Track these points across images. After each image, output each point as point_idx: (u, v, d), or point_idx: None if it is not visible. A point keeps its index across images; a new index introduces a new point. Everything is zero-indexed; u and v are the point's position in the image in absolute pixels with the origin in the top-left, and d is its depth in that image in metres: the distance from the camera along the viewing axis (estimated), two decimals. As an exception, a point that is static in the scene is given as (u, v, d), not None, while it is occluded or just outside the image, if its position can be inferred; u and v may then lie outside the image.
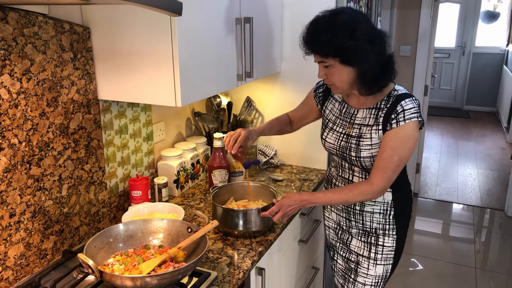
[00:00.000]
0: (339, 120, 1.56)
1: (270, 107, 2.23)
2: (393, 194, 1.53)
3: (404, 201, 1.59)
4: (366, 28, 1.34)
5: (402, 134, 1.38)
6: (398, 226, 1.56)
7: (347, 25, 1.31)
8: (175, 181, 1.85)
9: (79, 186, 1.47)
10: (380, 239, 1.57)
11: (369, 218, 1.56)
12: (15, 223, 1.25)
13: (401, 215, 1.57)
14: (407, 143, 1.40)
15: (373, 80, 1.39)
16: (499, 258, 3.24)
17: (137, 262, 1.23)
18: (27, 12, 1.22)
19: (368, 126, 1.46)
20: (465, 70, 7.34)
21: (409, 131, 1.38)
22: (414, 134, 1.39)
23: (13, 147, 1.22)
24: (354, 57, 1.33)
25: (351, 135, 1.50)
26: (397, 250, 1.60)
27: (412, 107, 1.38)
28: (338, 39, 1.31)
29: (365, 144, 1.46)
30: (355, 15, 1.37)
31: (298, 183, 1.97)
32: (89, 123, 1.48)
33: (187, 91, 1.39)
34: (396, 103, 1.39)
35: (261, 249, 1.47)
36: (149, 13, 1.30)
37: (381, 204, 1.54)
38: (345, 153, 1.52)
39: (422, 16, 3.73)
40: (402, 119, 1.37)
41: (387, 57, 1.39)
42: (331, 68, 1.39)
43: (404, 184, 1.59)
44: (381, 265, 1.59)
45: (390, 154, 1.39)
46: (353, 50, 1.31)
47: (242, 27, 1.66)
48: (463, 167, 5.00)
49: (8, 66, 1.18)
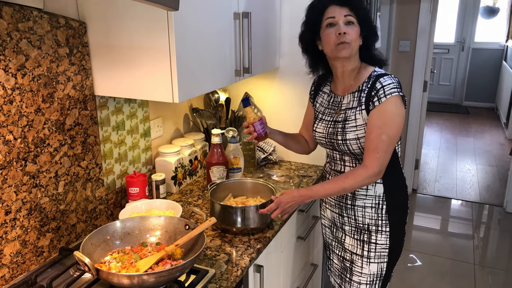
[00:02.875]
0: (327, 110, 1.59)
1: (269, 103, 2.21)
2: (384, 187, 1.52)
3: (397, 195, 1.56)
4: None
5: (385, 110, 1.40)
6: (391, 222, 1.55)
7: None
8: (172, 178, 1.84)
9: (76, 183, 1.46)
10: (373, 236, 1.56)
11: (361, 213, 1.55)
12: (10, 220, 1.24)
13: (394, 210, 1.55)
14: (393, 119, 1.40)
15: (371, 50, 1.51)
16: (497, 254, 3.24)
17: (134, 259, 1.22)
18: (21, 6, 1.20)
19: (353, 108, 1.48)
20: (464, 65, 7.33)
21: (392, 106, 1.39)
22: (398, 109, 1.41)
23: (8, 144, 1.21)
24: (367, 22, 1.47)
25: (338, 120, 1.53)
26: (392, 248, 1.58)
27: (390, 82, 1.40)
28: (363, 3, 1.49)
29: (350, 126, 1.48)
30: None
31: (296, 180, 1.96)
32: (86, 119, 1.47)
33: (185, 87, 1.38)
34: (375, 81, 1.43)
35: (260, 246, 1.46)
36: (146, 8, 1.29)
37: (372, 198, 1.53)
38: (332, 139, 1.54)
39: (421, 11, 3.71)
40: (383, 95, 1.39)
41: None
42: (353, 26, 1.44)
43: (396, 177, 1.56)
44: (374, 263, 1.58)
45: (378, 133, 1.39)
46: (368, 15, 1.48)
47: (240, 22, 1.64)
48: (462, 163, 4.99)
49: (3, 62, 1.16)
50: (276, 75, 2.15)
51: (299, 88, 2.09)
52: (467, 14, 7.13)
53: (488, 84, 7.27)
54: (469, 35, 7.20)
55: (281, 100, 2.18)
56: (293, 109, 2.13)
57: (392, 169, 1.51)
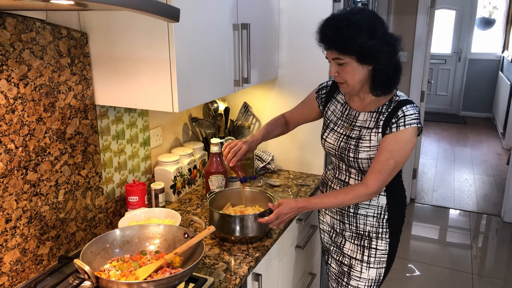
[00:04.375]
0: (340, 121, 1.58)
1: (267, 113, 2.23)
2: (388, 198, 1.55)
3: (398, 206, 1.60)
4: (384, 29, 1.37)
5: (400, 138, 1.41)
6: (391, 230, 1.58)
7: (368, 25, 1.34)
8: (172, 187, 1.85)
9: (76, 191, 1.47)
10: (373, 242, 1.58)
11: (362, 221, 1.57)
12: (11, 228, 1.25)
13: (394, 219, 1.58)
14: (405, 147, 1.42)
15: (386, 81, 1.42)
16: (495, 264, 3.24)
17: (133, 267, 1.23)
18: (24, 17, 1.22)
19: (368, 128, 1.48)
20: (461, 76, 7.38)
21: (408, 136, 1.40)
22: (412, 139, 1.42)
23: (9, 152, 1.22)
24: (372, 57, 1.36)
25: (351, 136, 1.52)
26: (390, 254, 1.61)
27: (413, 113, 1.41)
28: (360, 37, 1.32)
29: (364, 145, 1.48)
30: (375, 15, 1.41)
31: (295, 189, 1.97)
32: (86, 128, 1.48)
33: (184, 97, 1.40)
34: (397, 108, 1.42)
35: (258, 255, 1.47)
36: (147, 19, 1.31)
37: (375, 208, 1.55)
38: (343, 154, 1.54)
39: (418, 22, 3.75)
40: (403, 124, 1.40)
41: (399, 62, 1.44)
42: (346, 66, 1.39)
43: (399, 189, 1.61)
44: (374, 268, 1.60)
45: (387, 157, 1.41)
46: (373, 49, 1.34)
47: (239, 33, 1.66)
48: (460, 173, 5.01)
49: (5, 72, 1.18)
50: (274, 85, 2.17)
51: (297, 98, 2.11)
52: (463, 25, 7.20)
53: (485, 94, 7.31)
54: (466, 46, 7.26)
55: (280, 109, 2.19)
56: (292, 119, 2.15)
57: (396, 184, 1.55)
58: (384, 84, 1.43)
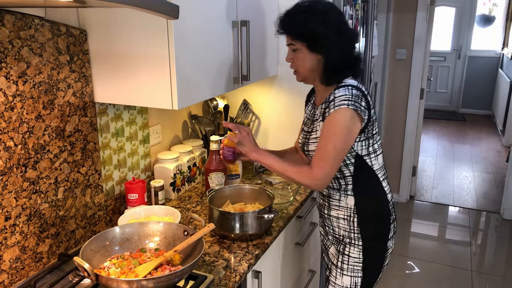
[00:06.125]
0: (307, 120, 1.61)
1: (267, 110, 2.23)
2: (355, 198, 1.47)
3: (370, 207, 1.49)
4: (339, 20, 1.40)
5: (332, 121, 1.35)
6: (364, 236, 1.49)
7: (321, 12, 1.37)
8: (171, 184, 1.84)
9: (75, 189, 1.47)
10: (347, 248, 1.52)
11: (336, 224, 1.54)
12: (10, 226, 1.24)
13: (368, 223, 1.49)
14: (339, 131, 1.34)
15: (334, 72, 1.41)
16: (495, 261, 3.25)
17: (133, 265, 1.23)
18: (23, 15, 1.22)
19: (317, 120, 1.50)
20: (460, 73, 7.38)
21: (338, 118, 1.34)
22: (347, 122, 1.34)
23: (8, 150, 1.21)
24: (321, 44, 1.38)
25: (308, 131, 1.55)
26: (367, 263, 1.51)
27: (342, 94, 1.35)
28: (310, 23, 1.36)
29: (312, 137, 1.50)
30: (332, 6, 1.43)
31: (294, 186, 1.97)
32: (85, 125, 1.48)
33: (184, 94, 1.39)
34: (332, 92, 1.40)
35: (258, 252, 1.47)
36: (146, 16, 1.31)
37: (344, 209, 1.50)
38: (303, 149, 1.56)
39: (418, 19, 3.75)
40: (333, 106, 1.35)
41: (353, 56, 1.44)
42: (298, 53, 1.43)
43: (370, 190, 1.49)
44: (347, 276, 1.53)
45: (324, 142, 1.36)
46: (322, 36, 1.36)
47: (238, 30, 1.66)
48: (459, 170, 5.01)
49: (4, 69, 1.18)
50: (274, 82, 2.17)
51: (297, 95, 2.11)
52: (463, 23, 7.19)
53: (485, 92, 7.31)
54: (465, 43, 7.26)
55: (279, 107, 2.19)
56: (291, 116, 2.15)
57: (363, 183, 1.47)
58: (331, 75, 1.41)
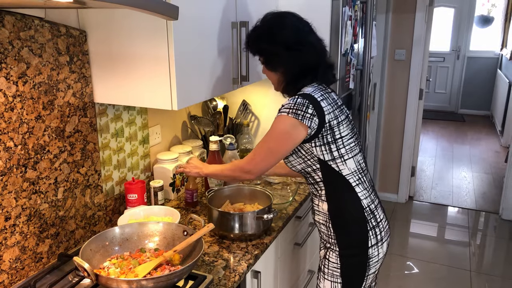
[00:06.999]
0: None
1: (266, 111, 2.23)
2: (328, 205, 1.46)
3: (342, 213, 1.45)
4: (290, 34, 1.41)
5: (272, 126, 1.42)
6: (339, 242, 1.46)
7: (269, 30, 1.42)
8: (171, 184, 1.85)
9: (75, 189, 1.47)
10: (328, 253, 1.52)
11: (319, 228, 1.55)
12: (10, 226, 1.25)
13: (342, 230, 1.46)
14: (278, 135, 1.39)
15: (290, 83, 1.47)
16: (493, 261, 3.25)
17: (133, 265, 1.23)
18: (23, 15, 1.22)
19: None
20: (459, 74, 7.39)
21: (276, 123, 1.40)
22: (284, 128, 1.37)
23: (8, 150, 1.22)
24: (273, 61, 1.45)
25: None
26: (345, 271, 1.48)
27: (287, 103, 1.40)
28: (258, 41, 1.44)
29: None
30: (280, 21, 1.43)
31: (294, 186, 1.98)
32: (85, 126, 1.49)
33: (183, 95, 1.40)
34: None
35: (257, 252, 1.47)
36: (146, 17, 1.31)
37: (322, 215, 1.49)
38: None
39: (417, 20, 3.76)
40: (278, 112, 1.41)
41: (312, 64, 1.43)
42: (263, 67, 1.50)
43: (341, 197, 1.45)
44: (328, 281, 1.52)
45: (262, 140, 1.43)
46: (268, 53, 1.44)
47: (238, 31, 1.67)
48: (458, 170, 5.02)
49: (4, 70, 1.18)
50: (273, 83, 2.17)
51: (296, 96, 2.11)
52: (462, 23, 7.20)
53: (483, 92, 7.32)
54: (464, 44, 7.27)
55: (278, 107, 2.19)
56: (290, 117, 2.15)
57: (334, 188, 1.45)
58: (287, 86, 1.48)
